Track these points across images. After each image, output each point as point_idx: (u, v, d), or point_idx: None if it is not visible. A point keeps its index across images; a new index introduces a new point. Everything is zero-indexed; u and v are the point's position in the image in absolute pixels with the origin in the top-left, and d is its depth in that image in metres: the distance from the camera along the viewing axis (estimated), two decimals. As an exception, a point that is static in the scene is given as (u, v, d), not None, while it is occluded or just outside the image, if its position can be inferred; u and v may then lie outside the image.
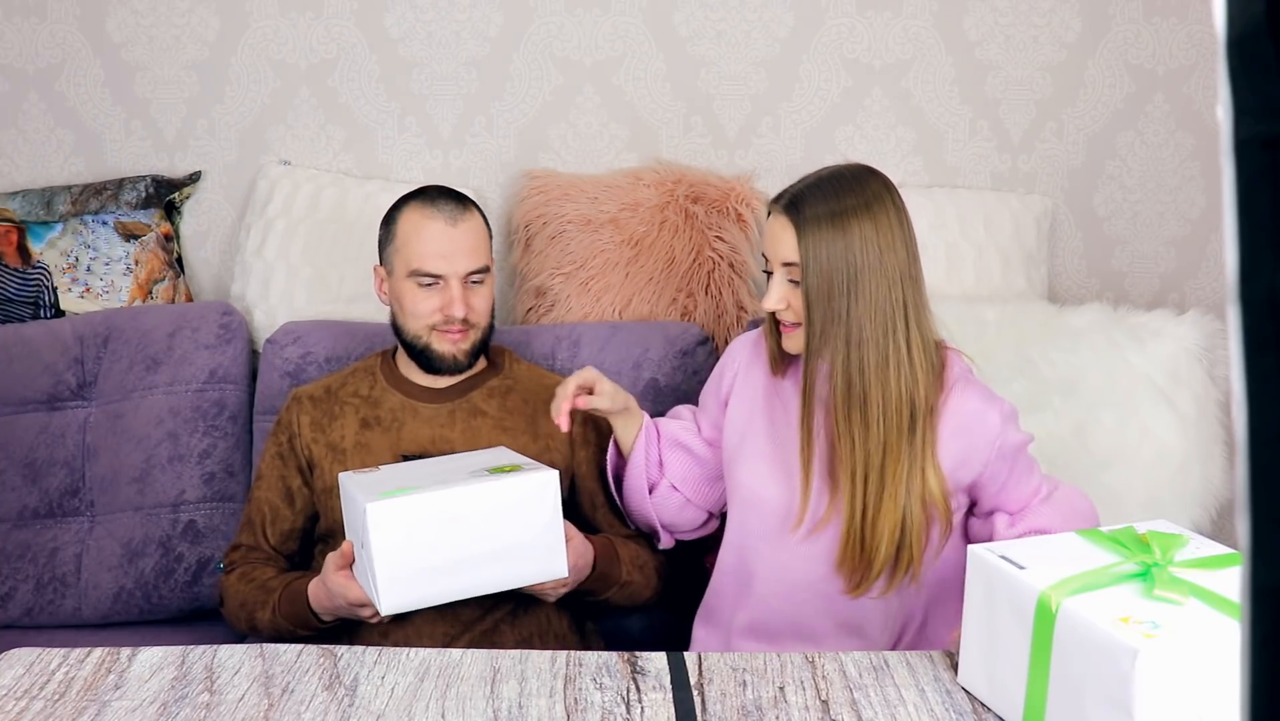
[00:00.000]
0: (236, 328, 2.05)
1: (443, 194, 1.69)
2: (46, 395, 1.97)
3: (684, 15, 2.27)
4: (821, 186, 1.47)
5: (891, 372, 1.42)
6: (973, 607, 1.13)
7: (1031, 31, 2.27)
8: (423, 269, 1.64)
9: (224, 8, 2.28)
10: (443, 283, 1.64)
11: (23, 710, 1.08)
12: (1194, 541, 1.11)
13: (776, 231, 1.48)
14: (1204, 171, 2.32)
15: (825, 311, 1.43)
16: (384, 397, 1.71)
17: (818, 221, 1.43)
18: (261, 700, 1.10)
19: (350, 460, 1.66)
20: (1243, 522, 0.36)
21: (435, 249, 1.64)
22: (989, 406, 1.48)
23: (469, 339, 1.67)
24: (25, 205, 2.22)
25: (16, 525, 1.93)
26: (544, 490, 1.41)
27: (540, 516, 1.41)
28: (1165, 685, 0.92)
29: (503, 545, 1.40)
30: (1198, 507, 1.96)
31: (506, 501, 1.40)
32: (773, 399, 1.58)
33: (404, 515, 1.36)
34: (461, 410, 1.70)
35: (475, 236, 1.67)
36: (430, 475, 1.45)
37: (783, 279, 1.48)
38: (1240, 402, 0.36)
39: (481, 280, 1.67)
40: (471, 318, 1.66)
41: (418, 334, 1.67)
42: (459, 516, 1.38)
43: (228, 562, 1.70)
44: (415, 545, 1.36)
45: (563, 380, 1.62)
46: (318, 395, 1.73)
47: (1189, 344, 1.99)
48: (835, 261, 1.42)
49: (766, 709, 1.09)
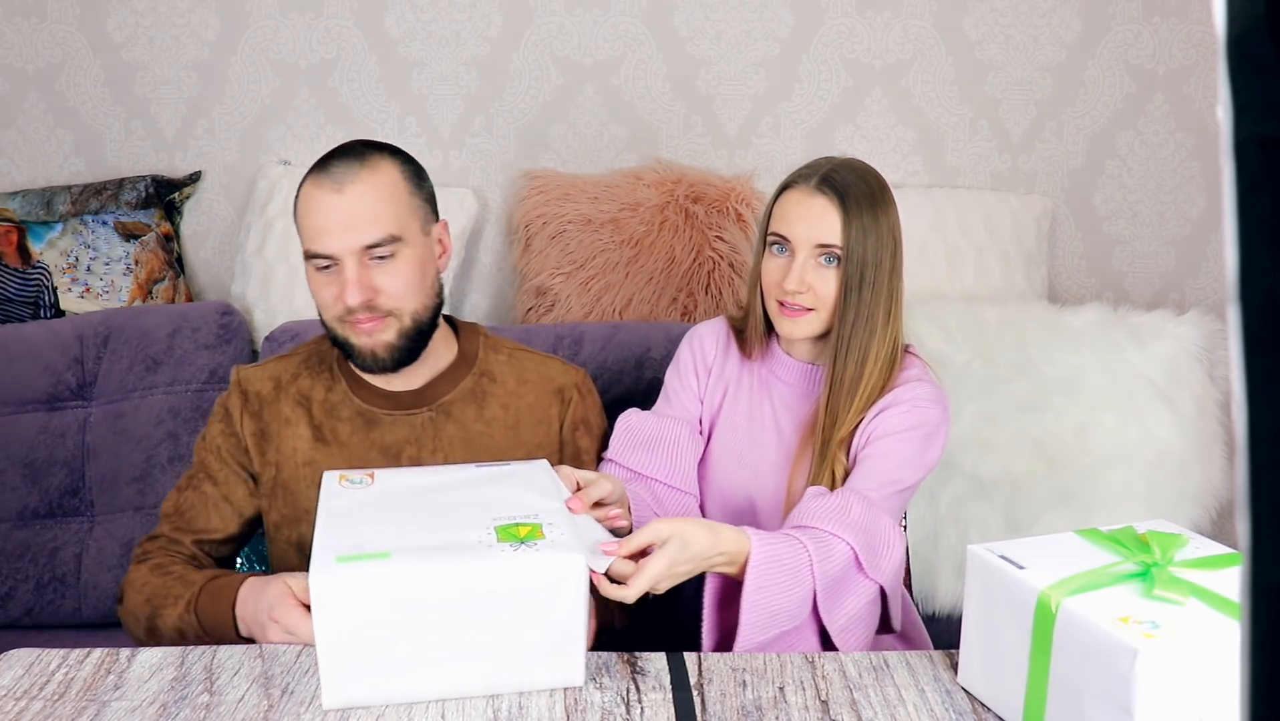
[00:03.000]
0: (236, 328, 2.05)
1: (344, 152, 1.37)
2: (46, 395, 1.97)
3: (684, 15, 2.27)
4: (848, 170, 1.43)
5: (874, 377, 1.42)
6: (972, 607, 1.13)
7: (1031, 31, 2.27)
8: (312, 250, 1.35)
9: (224, 8, 2.28)
10: (338, 265, 1.34)
11: (22, 710, 1.08)
12: (1194, 541, 1.11)
13: (815, 211, 1.41)
14: (1204, 171, 2.32)
15: (858, 298, 1.40)
16: (341, 405, 1.45)
17: (859, 205, 1.40)
18: (261, 701, 1.10)
19: (297, 484, 1.44)
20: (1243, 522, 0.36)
21: (320, 224, 1.33)
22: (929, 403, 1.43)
23: (390, 329, 1.37)
24: (25, 205, 2.22)
25: (16, 525, 1.93)
26: (565, 579, 1.06)
27: (557, 611, 1.07)
28: (1165, 685, 0.91)
29: (499, 642, 1.07)
30: (1198, 507, 1.96)
31: (512, 587, 1.05)
32: (742, 388, 1.55)
33: (365, 592, 1.02)
34: (433, 421, 1.44)
35: (372, 200, 1.33)
36: (426, 516, 1.14)
37: (810, 260, 1.42)
38: (1240, 402, 0.36)
39: (390, 253, 1.34)
40: (382, 302, 1.35)
41: (332, 327, 1.39)
42: (442, 601, 1.04)
43: (140, 553, 1.43)
44: (377, 632, 1.04)
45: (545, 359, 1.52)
46: (265, 393, 1.47)
47: (1189, 344, 1.99)
48: (871, 248, 1.40)
49: (766, 709, 1.09)
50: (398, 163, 1.39)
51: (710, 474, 1.54)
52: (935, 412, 1.43)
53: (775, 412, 1.52)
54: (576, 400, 1.51)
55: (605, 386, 1.83)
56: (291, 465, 1.44)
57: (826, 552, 1.27)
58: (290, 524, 1.45)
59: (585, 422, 1.52)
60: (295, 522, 1.45)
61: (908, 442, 1.40)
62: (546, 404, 1.49)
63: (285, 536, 1.46)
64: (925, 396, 1.43)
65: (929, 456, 1.43)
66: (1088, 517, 1.90)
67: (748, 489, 1.51)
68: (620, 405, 1.87)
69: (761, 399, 1.53)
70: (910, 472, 1.40)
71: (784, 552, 1.25)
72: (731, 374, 1.56)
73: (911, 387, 1.43)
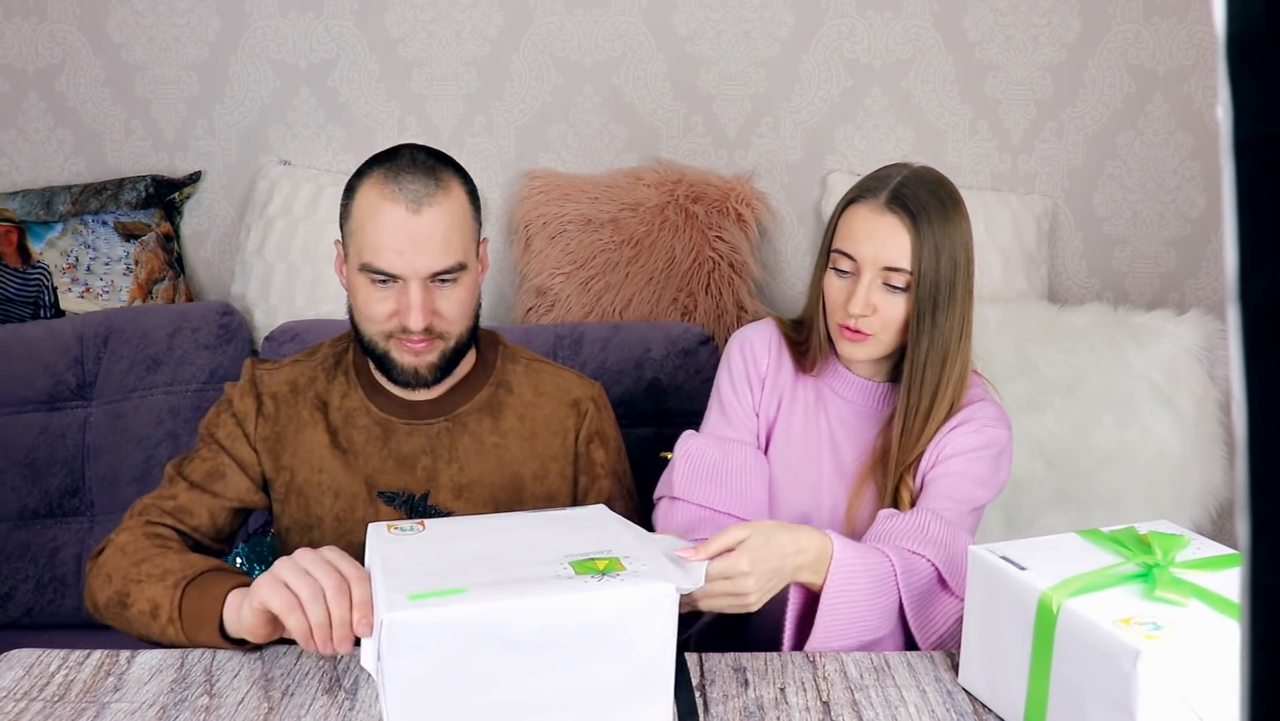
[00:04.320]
0: (236, 327, 2.05)
1: (414, 164, 1.32)
2: (46, 395, 1.97)
3: (684, 15, 2.27)
4: (920, 184, 1.34)
5: (946, 400, 1.37)
6: (973, 608, 1.13)
7: (1031, 31, 2.27)
8: (374, 265, 1.30)
9: (224, 8, 2.28)
10: (400, 283, 1.31)
11: (22, 711, 1.08)
12: (1195, 542, 1.11)
13: (883, 231, 1.32)
14: (1204, 171, 2.32)
15: (931, 324, 1.33)
16: (357, 413, 1.42)
17: (930, 225, 1.31)
18: (261, 703, 1.10)
19: (312, 490, 1.41)
20: (1243, 522, 0.36)
21: (391, 242, 1.28)
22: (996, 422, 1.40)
23: (436, 350, 1.35)
24: (25, 205, 2.22)
25: (16, 525, 1.93)
26: (657, 609, 0.97)
27: (647, 646, 0.97)
28: (1167, 686, 0.91)
29: (585, 683, 0.97)
30: (1198, 507, 1.96)
31: (601, 620, 0.96)
32: (797, 401, 1.48)
33: (443, 631, 0.93)
34: (449, 432, 1.42)
35: (446, 225, 1.30)
36: (495, 555, 1.03)
37: (876, 282, 1.33)
38: (1240, 402, 0.36)
39: (454, 279, 1.32)
40: (438, 326, 1.33)
41: (373, 339, 1.35)
42: (525, 640, 0.95)
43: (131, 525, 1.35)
44: (456, 676, 0.94)
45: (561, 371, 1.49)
46: (282, 395, 1.43)
47: (1189, 344, 1.99)
48: (944, 269, 1.32)
49: (768, 709, 1.09)
50: (464, 184, 1.36)
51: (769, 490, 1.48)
52: (1003, 432, 1.39)
53: (831, 429, 1.46)
54: (592, 412, 1.49)
55: (605, 386, 1.83)
56: (307, 469, 1.41)
57: (911, 567, 1.24)
58: (302, 530, 1.43)
59: (600, 435, 1.50)
60: (307, 529, 1.43)
61: (979, 461, 1.36)
62: (563, 416, 1.47)
63: (295, 541, 1.44)
64: (992, 416, 1.39)
65: (999, 476, 1.39)
66: (1087, 518, 1.90)
67: (803, 506, 1.46)
68: (620, 405, 1.87)
69: (817, 413, 1.46)
70: (983, 491, 1.37)
71: (870, 560, 1.21)
72: (785, 384, 1.48)
73: (979, 407, 1.39)
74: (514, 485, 1.44)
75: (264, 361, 1.48)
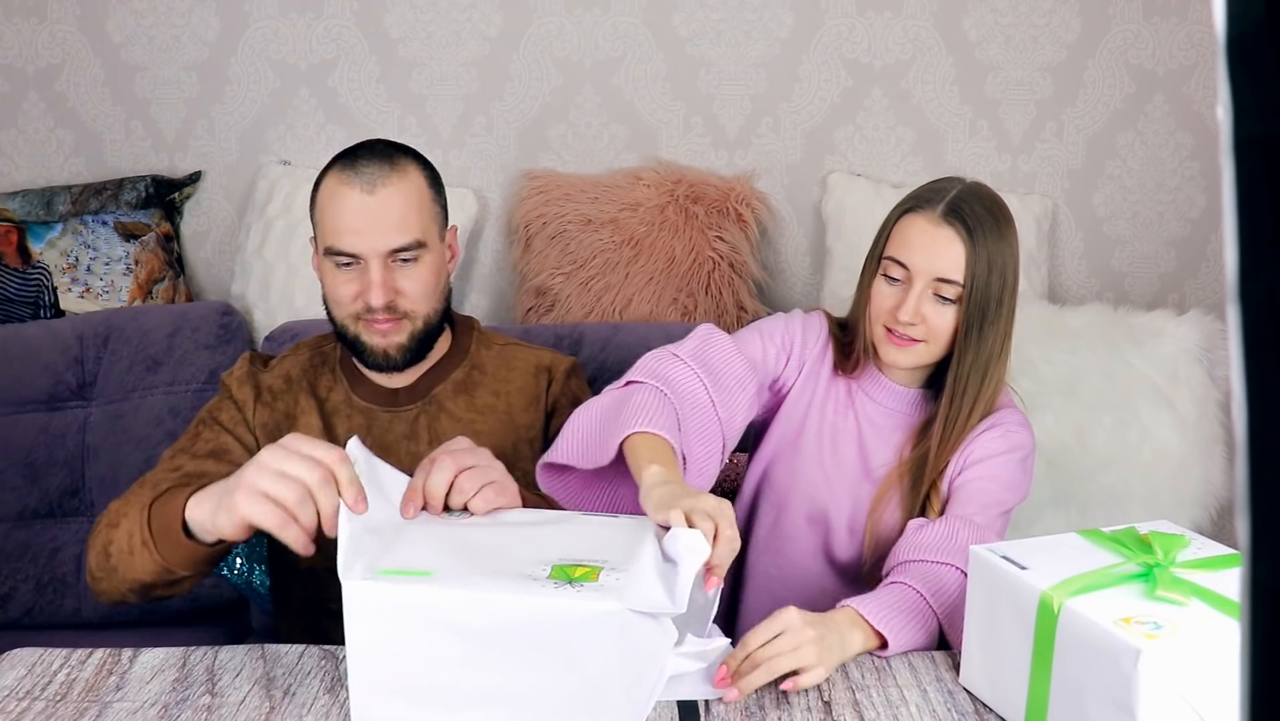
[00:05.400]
0: (236, 328, 2.05)
1: (370, 151, 1.39)
2: (46, 395, 1.97)
3: (684, 15, 2.27)
4: (975, 199, 1.37)
5: (983, 400, 1.39)
6: (974, 608, 1.13)
7: (1031, 31, 2.27)
8: (336, 247, 1.36)
9: (224, 8, 2.28)
10: (361, 263, 1.36)
11: (24, 711, 1.08)
12: (1195, 542, 1.11)
13: (939, 243, 1.35)
14: (1204, 171, 2.32)
15: (978, 338, 1.36)
16: (343, 405, 1.47)
17: (985, 240, 1.34)
18: (263, 702, 1.10)
19: None
20: (1243, 522, 0.36)
21: (348, 223, 1.34)
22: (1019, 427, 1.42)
23: (404, 331, 1.39)
24: (25, 205, 2.22)
25: (16, 525, 1.93)
26: (599, 628, 0.96)
27: (591, 662, 0.97)
28: (1167, 686, 0.92)
29: (532, 685, 0.99)
30: (1198, 508, 1.96)
31: (544, 627, 0.97)
32: (831, 396, 1.50)
33: (398, 610, 0.98)
34: (426, 414, 1.46)
35: (401, 204, 1.36)
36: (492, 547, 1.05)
37: (927, 293, 1.36)
38: (1240, 402, 0.36)
39: (414, 257, 1.37)
40: (401, 304, 1.37)
41: (344, 323, 1.40)
42: (474, 631, 0.97)
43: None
44: (409, 653, 0.99)
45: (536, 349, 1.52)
46: (278, 387, 1.47)
47: (1189, 344, 1.99)
48: (994, 284, 1.35)
49: (769, 709, 1.09)
50: (422, 168, 1.42)
51: (790, 479, 1.50)
52: (1027, 438, 1.42)
53: (860, 429, 1.48)
54: (561, 377, 1.52)
55: (605, 386, 1.83)
56: None
57: (938, 586, 1.26)
58: None
59: (572, 399, 1.50)
60: None
61: (1006, 466, 1.39)
62: (534, 385, 1.50)
63: None
64: (1017, 422, 1.42)
65: (1025, 480, 1.42)
66: (1087, 518, 1.90)
67: (824, 501, 1.48)
68: (620, 405, 1.87)
69: (847, 411, 1.48)
70: (1010, 495, 1.39)
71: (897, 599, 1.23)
72: (823, 376, 1.50)
73: (1004, 413, 1.42)
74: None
75: (258, 356, 1.52)
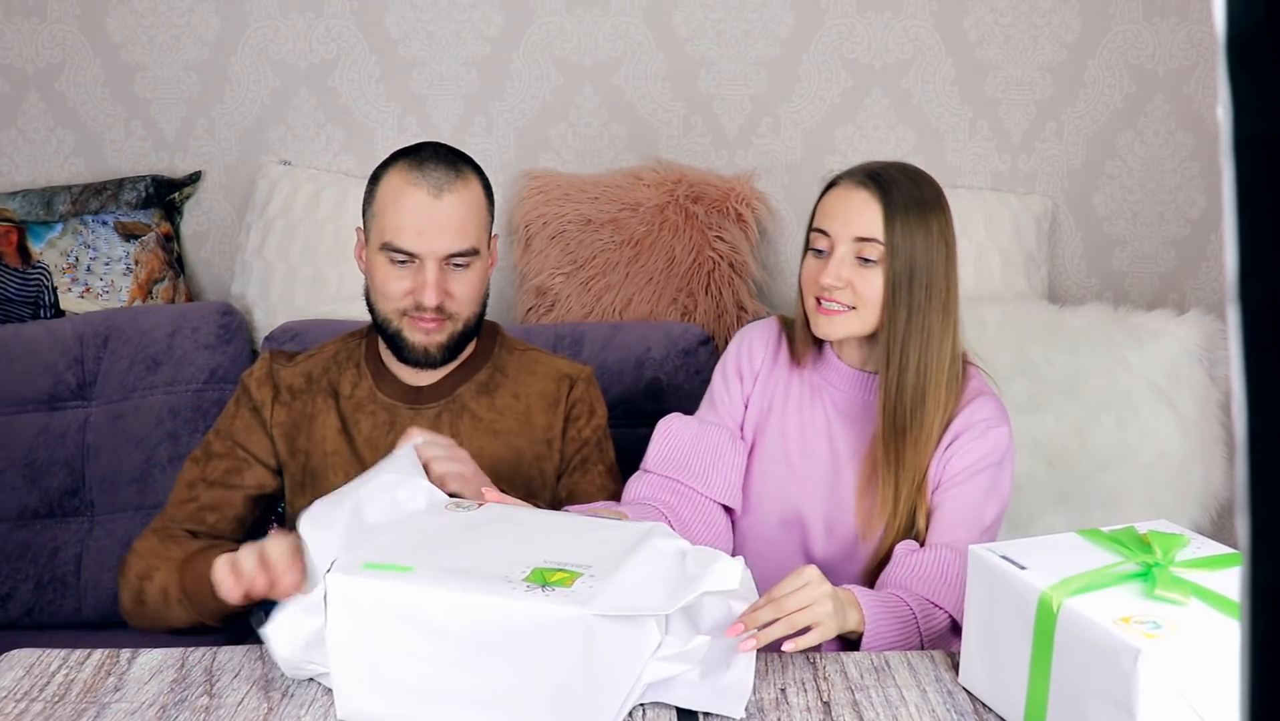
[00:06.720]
0: (236, 328, 2.05)
1: (436, 155, 1.45)
2: (46, 395, 1.97)
3: (684, 15, 2.27)
4: (896, 169, 1.38)
5: (941, 390, 1.36)
6: (973, 607, 1.13)
7: (1031, 31, 2.27)
8: (395, 244, 1.41)
9: (224, 8, 2.28)
10: (417, 263, 1.42)
11: (22, 711, 1.08)
12: (1195, 541, 1.11)
13: (855, 204, 1.35)
14: (1204, 171, 2.32)
15: (909, 298, 1.34)
16: (366, 400, 1.51)
17: (905, 205, 1.34)
18: (261, 703, 1.10)
19: (325, 471, 1.47)
20: (1243, 522, 0.36)
21: (411, 223, 1.41)
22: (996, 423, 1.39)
23: (445, 331, 1.45)
24: (25, 205, 2.22)
25: (16, 525, 1.93)
26: (566, 633, 0.97)
27: (556, 668, 0.98)
28: (1167, 685, 0.91)
29: (504, 687, 1.00)
30: (1198, 508, 1.96)
31: (511, 631, 0.98)
32: (792, 395, 1.48)
33: (372, 604, 1.01)
34: (449, 412, 1.50)
35: (463, 212, 1.43)
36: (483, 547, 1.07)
37: (849, 255, 1.35)
38: (1240, 402, 0.36)
39: (466, 264, 1.44)
40: (449, 306, 1.44)
41: (388, 317, 1.46)
42: (446, 630, 1.00)
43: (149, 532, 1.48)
44: (386, 648, 1.01)
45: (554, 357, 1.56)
46: (298, 386, 1.52)
47: (1189, 344, 1.99)
48: (917, 250, 1.33)
49: (768, 710, 1.09)
50: (480, 180, 1.48)
51: (759, 483, 1.48)
52: (1002, 432, 1.39)
53: (828, 421, 1.46)
54: (581, 386, 1.57)
55: (605, 386, 1.83)
56: (320, 453, 1.49)
57: (930, 622, 1.28)
58: None
59: (588, 406, 1.57)
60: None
61: (980, 478, 1.37)
62: (553, 389, 1.55)
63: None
64: (989, 416, 1.39)
65: (1004, 485, 1.40)
66: (1087, 518, 1.90)
67: (796, 501, 1.46)
68: (620, 405, 1.87)
69: (813, 406, 1.47)
70: (991, 506, 1.38)
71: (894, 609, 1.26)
72: (780, 378, 1.49)
73: (978, 407, 1.39)
74: (513, 459, 1.50)
75: (280, 354, 1.57)
